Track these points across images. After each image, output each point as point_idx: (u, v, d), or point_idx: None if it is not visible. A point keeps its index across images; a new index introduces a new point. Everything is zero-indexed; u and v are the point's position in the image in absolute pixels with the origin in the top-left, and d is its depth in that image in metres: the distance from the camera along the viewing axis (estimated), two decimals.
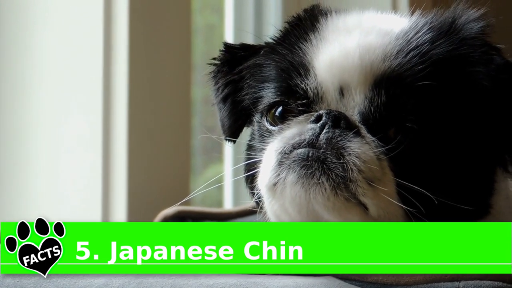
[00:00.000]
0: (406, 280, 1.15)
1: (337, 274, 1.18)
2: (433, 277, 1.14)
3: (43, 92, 2.38)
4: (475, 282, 1.12)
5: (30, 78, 2.38)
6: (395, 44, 1.32)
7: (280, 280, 1.18)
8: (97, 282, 1.18)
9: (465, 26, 1.35)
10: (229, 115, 1.48)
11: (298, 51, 1.37)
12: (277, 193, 1.29)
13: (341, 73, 1.31)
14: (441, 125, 1.29)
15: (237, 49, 1.50)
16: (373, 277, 1.16)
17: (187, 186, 2.46)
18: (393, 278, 1.16)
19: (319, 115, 1.30)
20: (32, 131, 2.39)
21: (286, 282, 1.17)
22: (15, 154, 2.39)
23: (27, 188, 2.39)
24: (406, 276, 1.15)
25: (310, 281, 1.17)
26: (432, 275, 1.14)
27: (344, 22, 1.39)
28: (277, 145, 1.31)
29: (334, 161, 1.26)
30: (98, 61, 2.32)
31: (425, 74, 1.28)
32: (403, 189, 1.25)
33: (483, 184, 1.35)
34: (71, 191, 2.35)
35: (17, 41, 2.39)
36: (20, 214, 2.36)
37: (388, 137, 1.29)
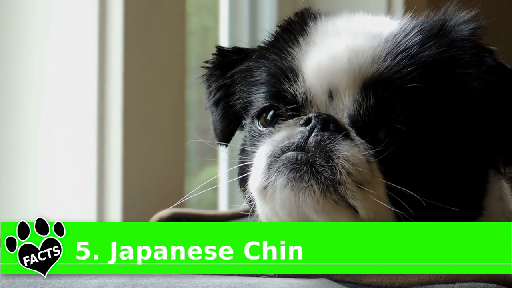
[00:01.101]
0: (401, 282, 1.15)
1: (331, 276, 1.18)
2: (428, 279, 1.14)
3: (39, 94, 2.37)
4: (470, 284, 1.12)
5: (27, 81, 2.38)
6: (384, 46, 1.32)
7: (275, 282, 1.17)
8: (92, 283, 1.18)
9: (456, 28, 1.35)
10: (221, 119, 1.48)
11: (287, 55, 1.37)
12: (267, 197, 1.29)
13: (329, 76, 1.32)
14: (430, 127, 1.29)
15: (230, 52, 1.50)
16: (368, 279, 1.16)
17: (182, 188, 2.46)
18: (387, 279, 1.16)
19: (308, 118, 1.30)
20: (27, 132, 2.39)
21: (280, 284, 1.17)
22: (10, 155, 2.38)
23: (22, 189, 2.38)
24: (400, 278, 1.15)
25: (304, 283, 1.17)
26: (427, 277, 1.14)
27: (333, 25, 1.40)
28: (266, 149, 1.31)
29: (323, 164, 1.26)
30: (93, 63, 2.32)
31: (414, 76, 1.28)
32: (392, 191, 1.26)
33: (474, 185, 1.35)
34: (65, 194, 2.35)
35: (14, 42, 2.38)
36: (15, 215, 2.36)
37: (377, 140, 1.29)
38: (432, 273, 1.14)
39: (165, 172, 2.42)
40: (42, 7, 2.36)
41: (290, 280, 1.18)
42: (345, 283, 1.17)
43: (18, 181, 2.39)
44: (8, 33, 2.37)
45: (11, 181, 2.39)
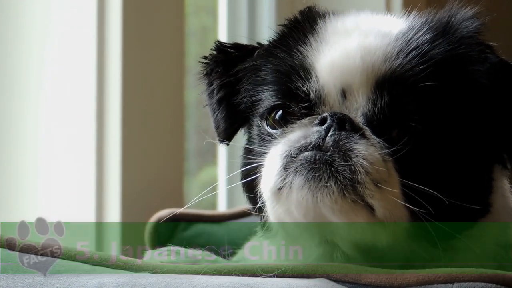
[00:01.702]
0: (400, 282, 1.14)
1: (330, 276, 1.18)
2: (427, 279, 1.14)
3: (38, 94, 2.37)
4: (468, 284, 1.12)
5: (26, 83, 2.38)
6: (395, 45, 1.32)
7: (274, 282, 1.17)
8: (91, 284, 1.17)
9: (461, 24, 1.36)
10: (225, 117, 1.47)
11: (298, 53, 1.37)
12: (282, 198, 1.28)
13: (342, 75, 1.31)
14: (444, 124, 1.29)
15: (230, 48, 1.50)
16: (367, 279, 1.16)
17: (181, 189, 2.46)
18: (387, 279, 1.16)
19: (323, 117, 1.30)
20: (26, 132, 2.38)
21: (279, 284, 1.16)
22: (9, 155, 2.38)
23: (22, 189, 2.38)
24: (399, 278, 1.15)
25: (303, 283, 1.17)
26: (426, 276, 1.14)
27: (342, 24, 1.39)
28: (281, 149, 1.30)
29: (342, 164, 1.26)
30: (92, 63, 2.32)
31: (427, 74, 1.29)
32: (409, 189, 1.25)
33: (484, 182, 1.36)
34: (64, 194, 2.34)
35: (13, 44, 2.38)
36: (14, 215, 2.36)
37: (392, 139, 1.29)
38: (431, 273, 1.14)
39: (164, 172, 2.42)
40: (41, 6, 2.36)
41: (289, 280, 1.18)
42: (344, 283, 1.17)
43: (17, 181, 2.38)
44: (7, 34, 2.37)
45: (11, 181, 2.38)
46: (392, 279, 1.15)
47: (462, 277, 1.12)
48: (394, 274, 1.16)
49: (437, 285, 1.12)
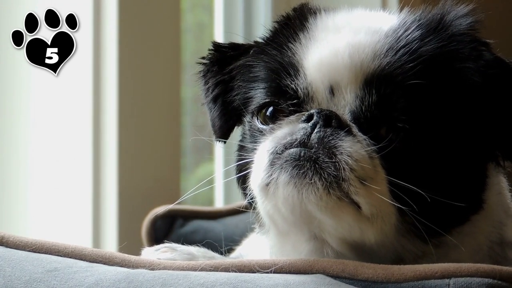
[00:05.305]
0: (397, 277, 1.15)
1: (327, 272, 1.18)
2: (424, 274, 1.14)
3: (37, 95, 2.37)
4: (465, 279, 1.12)
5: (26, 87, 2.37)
6: (385, 42, 1.32)
7: (271, 277, 1.17)
8: (88, 281, 1.17)
9: (454, 22, 1.35)
10: (220, 115, 1.48)
11: (287, 51, 1.37)
12: (269, 193, 1.28)
13: (331, 72, 1.31)
14: (432, 122, 1.29)
15: (226, 48, 1.50)
16: (364, 275, 1.16)
17: (178, 185, 2.46)
18: (384, 275, 1.16)
19: (310, 114, 1.30)
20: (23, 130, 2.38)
21: (276, 280, 1.16)
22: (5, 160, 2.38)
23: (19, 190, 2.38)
24: (396, 273, 1.15)
25: (300, 279, 1.17)
26: (422, 271, 1.14)
27: (333, 21, 1.39)
28: (268, 145, 1.30)
29: (326, 160, 1.25)
30: (88, 60, 2.32)
31: (415, 72, 1.28)
32: (395, 187, 1.25)
33: (475, 179, 1.35)
34: (61, 190, 2.34)
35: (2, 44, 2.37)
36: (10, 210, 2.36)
37: (379, 136, 1.29)
38: (427, 268, 1.14)
39: (161, 168, 2.42)
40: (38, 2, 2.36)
41: (287, 276, 1.18)
42: (341, 278, 1.17)
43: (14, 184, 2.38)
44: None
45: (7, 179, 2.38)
46: (389, 274, 1.15)
47: (459, 272, 1.12)
48: (391, 270, 1.16)
49: (434, 280, 1.13)
